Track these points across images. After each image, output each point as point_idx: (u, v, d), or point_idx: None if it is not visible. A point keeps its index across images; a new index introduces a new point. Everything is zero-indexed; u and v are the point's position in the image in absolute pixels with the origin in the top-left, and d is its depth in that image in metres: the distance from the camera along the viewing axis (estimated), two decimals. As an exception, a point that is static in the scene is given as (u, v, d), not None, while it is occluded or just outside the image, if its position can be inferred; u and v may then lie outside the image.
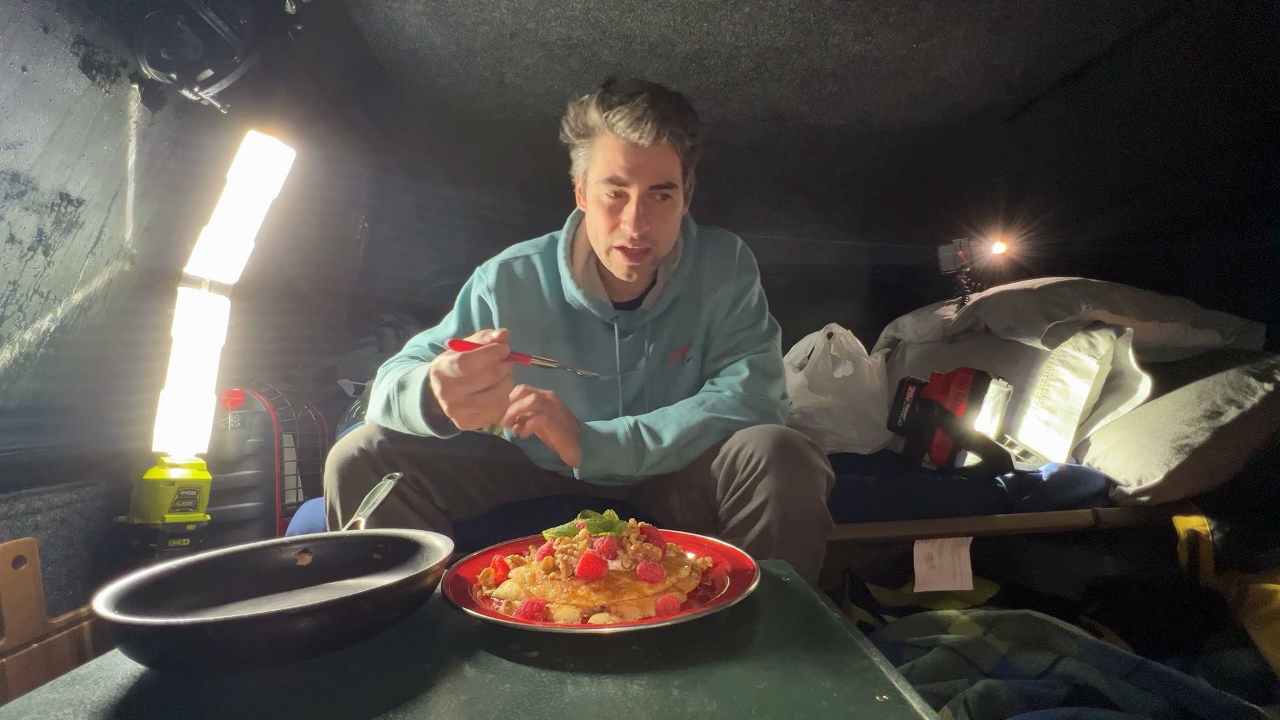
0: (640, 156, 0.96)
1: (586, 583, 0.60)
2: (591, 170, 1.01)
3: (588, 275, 1.10)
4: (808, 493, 0.93)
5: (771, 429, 0.97)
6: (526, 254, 1.14)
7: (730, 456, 0.97)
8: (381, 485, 0.82)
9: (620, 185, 0.97)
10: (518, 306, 1.10)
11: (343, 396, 2.02)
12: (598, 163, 0.99)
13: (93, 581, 1.26)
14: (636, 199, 0.97)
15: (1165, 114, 1.76)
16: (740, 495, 0.95)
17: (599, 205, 1.01)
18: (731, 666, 0.50)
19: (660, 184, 0.98)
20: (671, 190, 1.00)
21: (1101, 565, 1.47)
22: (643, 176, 0.97)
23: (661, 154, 0.97)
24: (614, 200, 0.99)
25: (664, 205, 1.00)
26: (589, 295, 1.08)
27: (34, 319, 1.12)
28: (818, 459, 0.96)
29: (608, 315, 1.09)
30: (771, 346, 1.14)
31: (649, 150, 0.95)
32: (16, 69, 0.96)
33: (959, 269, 2.20)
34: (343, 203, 2.08)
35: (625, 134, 0.94)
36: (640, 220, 0.98)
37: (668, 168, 0.98)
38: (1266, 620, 1.18)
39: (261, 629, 0.50)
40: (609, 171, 0.97)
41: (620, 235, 1.00)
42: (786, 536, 0.91)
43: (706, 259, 1.13)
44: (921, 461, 1.65)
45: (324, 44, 1.54)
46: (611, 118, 0.94)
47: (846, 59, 1.69)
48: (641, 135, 0.93)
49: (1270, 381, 1.41)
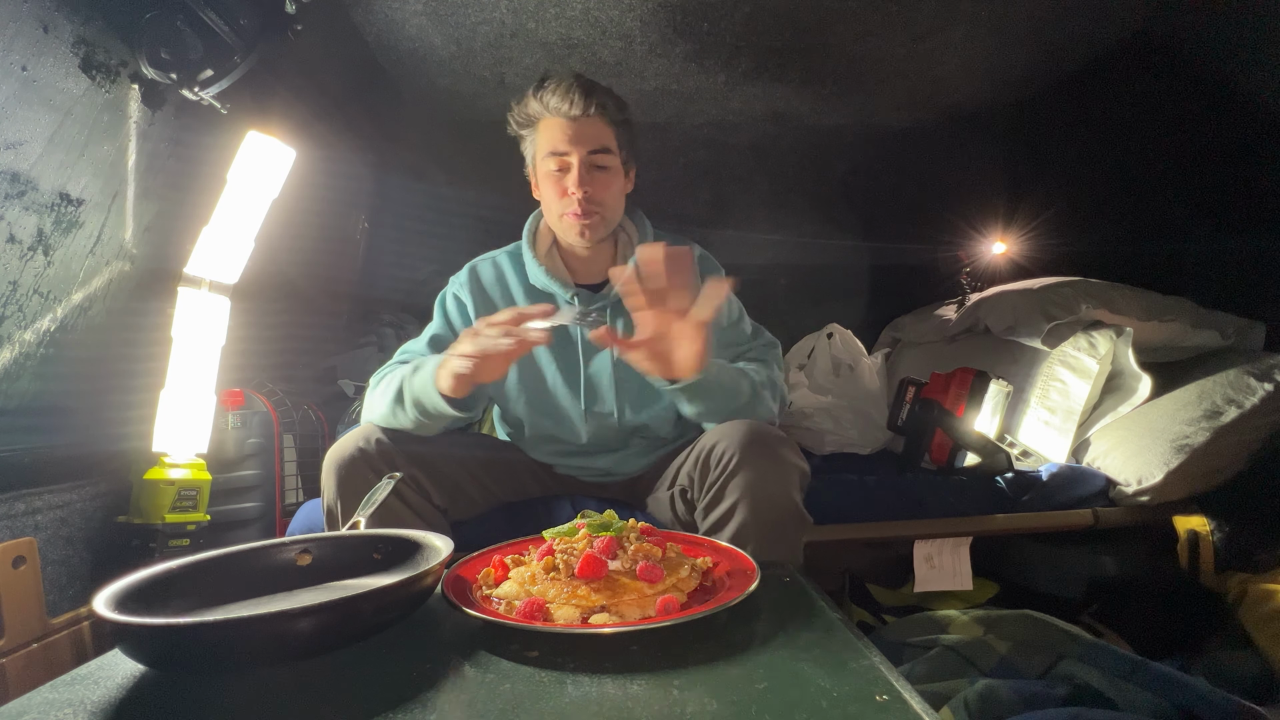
0: (574, 127, 1.06)
1: (586, 583, 0.60)
2: (537, 152, 1.11)
3: (550, 260, 1.18)
4: (780, 489, 0.93)
5: (743, 425, 0.97)
6: (493, 256, 1.24)
7: (704, 455, 0.98)
8: (381, 485, 0.82)
9: (561, 155, 1.07)
10: (487, 299, 1.18)
11: (343, 396, 2.02)
12: (541, 143, 1.09)
13: (93, 581, 1.26)
14: (578, 164, 1.07)
15: (1165, 113, 1.75)
16: (714, 493, 0.95)
17: (547, 179, 1.10)
18: (731, 666, 0.50)
19: (597, 148, 1.07)
20: (608, 155, 1.09)
21: (1101, 565, 1.47)
22: (579, 143, 1.06)
23: (594, 123, 1.07)
24: (558, 171, 1.08)
25: (604, 174, 1.09)
26: (550, 273, 1.15)
27: (34, 319, 1.12)
28: (789, 454, 0.96)
29: (568, 293, 1.14)
30: (761, 347, 1.19)
31: (582, 120, 1.06)
32: (16, 69, 0.96)
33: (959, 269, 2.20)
34: (343, 203, 2.08)
35: (558, 108, 1.05)
36: (583, 180, 1.07)
37: (601, 135, 1.08)
38: (1266, 620, 1.18)
39: (261, 629, 0.50)
40: (550, 146, 1.07)
41: (569, 201, 1.08)
42: (762, 534, 0.91)
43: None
44: (921, 461, 1.65)
45: (324, 44, 1.54)
46: (545, 98, 1.06)
47: (846, 59, 1.69)
48: (572, 106, 1.05)
49: (1270, 381, 1.41)
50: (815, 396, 1.96)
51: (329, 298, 2.17)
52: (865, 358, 2.11)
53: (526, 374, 1.16)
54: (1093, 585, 1.47)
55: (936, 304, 2.23)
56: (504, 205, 2.14)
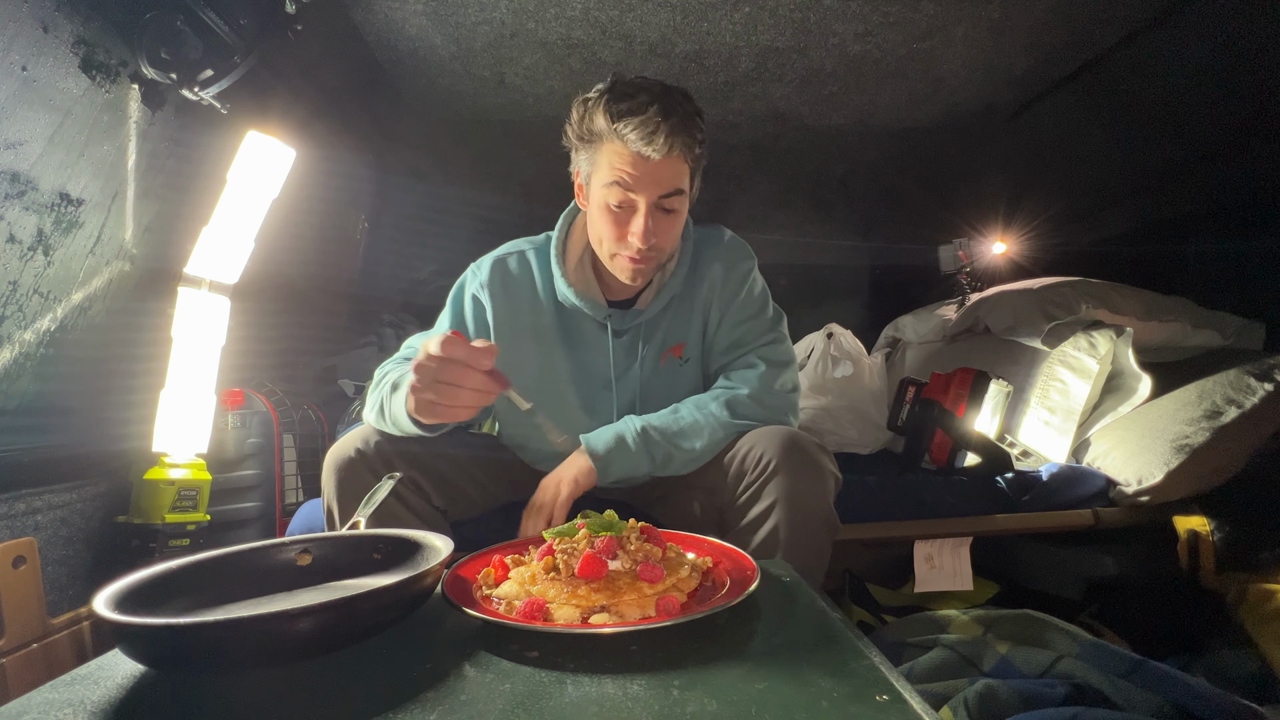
0: (649, 167, 0.92)
1: (586, 583, 0.60)
2: (596, 175, 0.97)
3: (581, 274, 1.08)
4: (817, 495, 0.93)
5: (782, 430, 0.97)
6: (521, 249, 1.12)
7: (740, 457, 0.97)
8: (381, 485, 0.82)
9: (628, 193, 0.94)
10: (512, 304, 1.08)
11: (343, 396, 2.02)
12: (603, 168, 0.95)
13: (93, 581, 1.26)
14: (645, 210, 0.94)
15: (1165, 114, 1.76)
16: (749, 496, 0.95)
17: (604, 212, 0.97)
18: (731, 666, 0.50)
19: (668, 193, 0.95)
20: (679, 198, 0.97)
21: (1101, 565, 1.47)
22: (651, 187, 0.93)
23: (671, 164, 0.94)
24: (619, 210, 0.96)
25: (670, 216, 0.98)
26: (580, 294, 1.06)
27: (34, 319, 1.12)
28: (826, 461, 0.96)
29: (600, 314, 1.07)
30: (780, 335, 1.13)
31: (659, 161, 0.92)
32: (16, 69, 0.96)
33: (959, 269, 2.20)
34: (343, 203, 2.08)
35: (636, 145, 0.90)
36: (649, 233, 0.95)
37: (676, 177, 0.95)
38: (1266, 620, 1.18)
39: (261, 629, 0.50)
40: (614, 177, 0.94)
41: (627, 246, 0.97)
42: (794, 538, 0.91)
43: (699, 256, 1.12)
44: (921, 461, 1.65)
45: (324, 44, 1.54)
46: (621, 128, 0.90)
47: (846, 59, 1.69)
48: (653, 149, 0.90)
49: (1270, 381, 1.41)
50: (815, 396, 1.96)
51: (329, 298, 2.17)
52: (865, 358, 2.11)
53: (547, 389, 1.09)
54: (1093, 585, 1.47)
55: (936, 304, 2.23)
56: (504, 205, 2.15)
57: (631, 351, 1.10)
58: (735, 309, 1.11)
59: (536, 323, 1.09)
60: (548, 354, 1.09)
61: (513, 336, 1.08)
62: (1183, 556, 1.33)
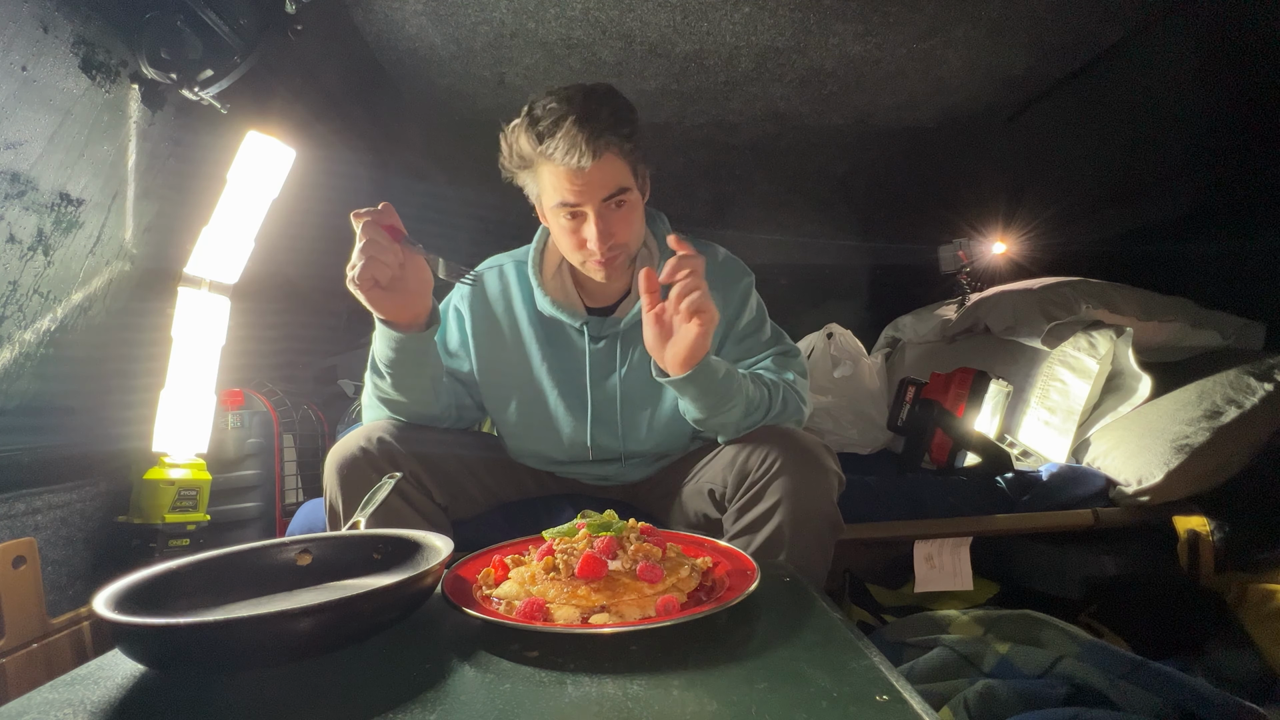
0: (585, 176, 0.94)
1: (586, 583, 0.60)
2: (543, 195, 1.01)
3: (559, 283, 1.11)
4: (820, 494, 0.93)
5: (785, 430, 0.98)
6: (500, 264, 1.16)
7: (743, 456, 0.97)
8: (382, 485, 0.82)
9: (574, 207, 0.97)
10: (489, 316, 1.13)
11: (343, 396, 2.02)
12: (546, 189, 0.99)
13: (93, 581, 1.26)
14: (595, 216, 0.97)
15: (1165, 114, 1.76)
16: (752, 495, 0.95)
17: (560, 230, 1.01)
18: (731, 666, 0.50)
19: (612, 194, 0.97)
20: (626, 194, 0.99)
21: (1101, 565, 1.47)
22: (593, 194, 0.96)
23: (606, 165, 0.95)
24: (572, 221, 0.99)
25: (622, 210, 1.00)
26: (558, 303, 1.09)
27: (34, 319, 1.12)
28: (830, 460, 0.96)
29: (577, 321, 1.10)
30: (778, 332, 1.16)
31: (592, 169, 0.93)
32: (16, 69, 0.96)
33: (959, 269, 2.20)
34: (343, 203, 2.08)
35: (564, 162, 0.93)
36: (604, 235, 0.98)
37: (616, 176, 0.97)
38: (1266, 620, 1.18)
39: (261, 629, 0.50)
40: (559, 197, 0.97)
41: (588, 253, 1.00)
42: (798, 537, 0.91)
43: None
44: (921, 461, 1.65)
45: (324, 44, 1.54)
46: (547, 149, 0.93)
47: (846, 59, 1.69)
48: (580, 159, 0.92)
49: (1270, 381, 1.41)
50: (815, 396, 1.96)
51: (329, 298, 2.17)
52: (865, 358, 2.11)
53: (526, 397, 1.12)
54: (1093, 585, 1.47)
55: (936, 304, 2.23)
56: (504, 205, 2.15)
57: (610, 358, 1.11)
58: (740, 328, 1.13)
59: (514, 332, 1.13)
60: (526, 361, 1.12)
61: (491, 346, 1.13)
62: (1183, 556, 1.33)
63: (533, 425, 1.13)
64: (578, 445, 1.12)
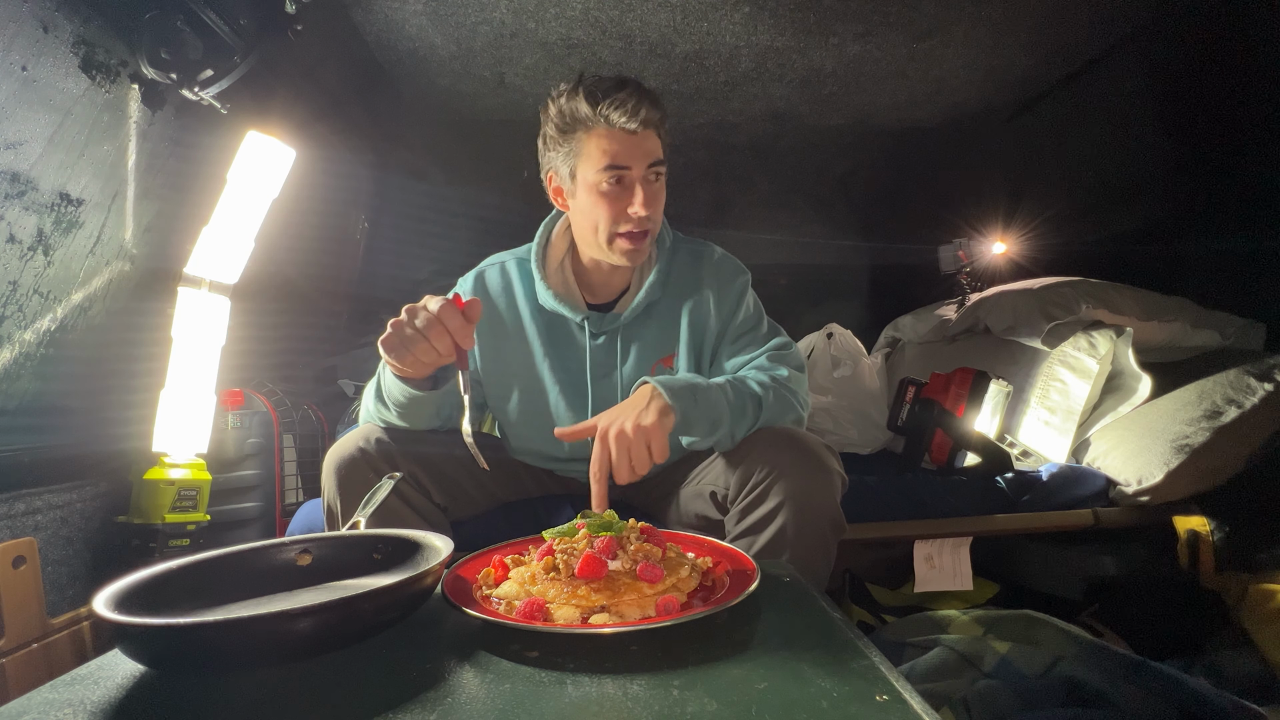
0: (635, 140, 1.00)
1: (586, 583, 0.60)
2: (583, 163, 1.02)
3: (561, 278, 1.13)
4: (823, 495, 0.93)
5: (788, 431, 0.98)
6: (502, 261, 1.18)
7: (746, 458, 0.97)
8: (381, 485, 0.82)
9: (621, 169, 1.00)
10: (491, 310, 1.14)
11: (343, 396, 2.02)
12: (591, 155, 1.01)
13: (93, 581, 1.26)
14: (640, 180, 1.01)
15: (1165, 114, 1.76)
16: (755, 496, 0.95)
17: (598, 195, 1.02)
18: (731, 666, 0.50)
19: (655, 161, 1.02)
20: (663, 167, 1.04)
21: (1101, 565, 1.47)
22: (640, 158, 1.01)
23: (650, 136, 1.02)
24: (615, 187, 1.01)
25: (658, 184, 1.05)
26: (560, 297, 1.10)
27: (34, 319, 1.12)
28: (833, 461, 0.96)
29: (578, 316, 1.11)
30: (777, 330, 1.16)
31: (641, 134, 1.00)
32: (16, 69, 0.96)
33: (959, 269, 2.21)
34: (343, 203, 2.08)
35: (619, 122, 0.98)
36: (650, 200, 1.02)
37: (657, 147, 1.03)
38: (1266, 620, 1.18)
39: (261, 629, 0.50)
40: (608, 160, 1.00)
41: (627, 220, 1.02)
42: (801, 538, 0.91)
43: (681, 266, 1.14)
44: (921, 461, 1.65)
45: (324, 44, 1.54)
46: (604, 109, 0.98)
47: (846, 59, 1.69)
48: (637, 122, 0.98)
49: (1270, 381, 1.41)
50: (815, 396, 1.96)
51: (329, 298, 2.17)
52: (865, 358, 2.11)
53: (527, 393, 1.13)
54: (1093, 585, 1.47)
55: (936, 304, 2.23)
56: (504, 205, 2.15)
57: (610, 354, 1.12)
58: (736, 326, 1.13)
59: (517, 328, 1.13)
60: (528, 356, 1.13)
61: (494, 341, 1.13)
62: (1183, 556, 1.33)
63: (534, 421, 1.14)
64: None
